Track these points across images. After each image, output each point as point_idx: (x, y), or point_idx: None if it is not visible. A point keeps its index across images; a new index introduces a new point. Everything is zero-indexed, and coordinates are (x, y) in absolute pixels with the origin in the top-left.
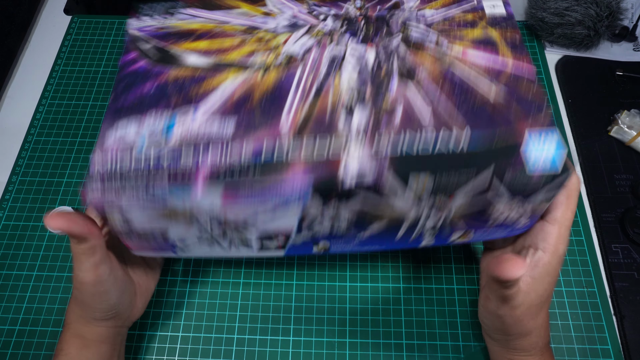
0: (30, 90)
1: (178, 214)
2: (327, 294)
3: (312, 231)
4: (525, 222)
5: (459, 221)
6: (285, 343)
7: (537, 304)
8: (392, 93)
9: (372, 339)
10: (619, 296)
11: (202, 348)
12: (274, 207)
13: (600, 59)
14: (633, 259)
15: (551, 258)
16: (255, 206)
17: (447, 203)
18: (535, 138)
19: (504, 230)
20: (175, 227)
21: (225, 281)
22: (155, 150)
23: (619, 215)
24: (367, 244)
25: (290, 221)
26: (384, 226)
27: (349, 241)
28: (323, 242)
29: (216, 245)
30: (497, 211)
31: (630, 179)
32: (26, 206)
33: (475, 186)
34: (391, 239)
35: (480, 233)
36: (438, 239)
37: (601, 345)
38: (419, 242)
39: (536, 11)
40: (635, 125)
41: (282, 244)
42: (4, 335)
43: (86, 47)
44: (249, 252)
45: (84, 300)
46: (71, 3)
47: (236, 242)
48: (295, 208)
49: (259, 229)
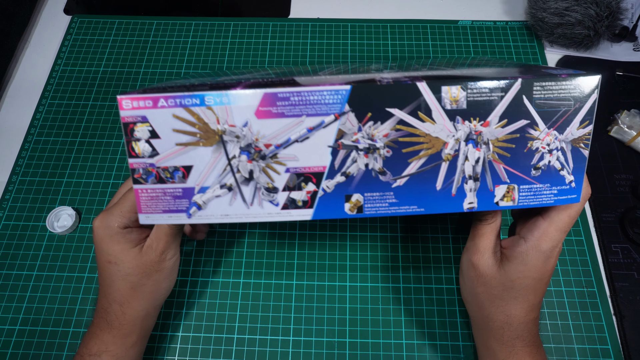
0: (30, 90)
1: (209, 131)
2: (327, 294)
3: (345, 174)
4: (569, 178)
5: (499, 165)
6: (285, 343)
7: (499, 290)
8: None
9: (372, 339)
10: (619, 296)
11: (202, 348)
12: (308, 125)
13: (600, 59)
14: (633, 259)
15: (529, 248)
16: (290, 122)
17: (483, 134)
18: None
19: (551, 188)
20: (199, 159)
21: (225, 281)
22: (199, 79)
23: (619, 215)
24: (404, 200)
25: (323, 152)
26: (422, 164)
27: (385, 192)
28: (356, 195)
29: (238, 196)
30: (536, 144)
31: (630, 179)
32: (26, 206)
33: (506, 106)
34: (431, 191)
35: (525, 192)
36: (481, 197)
37: (601, 345)
38: (461, 199)
39: (536, 11)
40: (635, 125)
41: (310, 196)
42: (4, 335)
43: (86, 47)
44: (273, 209)
45: (159, 281)
46: (71, 3)
47: (262, 191)
48: (331, 124)
49: (290, 161)
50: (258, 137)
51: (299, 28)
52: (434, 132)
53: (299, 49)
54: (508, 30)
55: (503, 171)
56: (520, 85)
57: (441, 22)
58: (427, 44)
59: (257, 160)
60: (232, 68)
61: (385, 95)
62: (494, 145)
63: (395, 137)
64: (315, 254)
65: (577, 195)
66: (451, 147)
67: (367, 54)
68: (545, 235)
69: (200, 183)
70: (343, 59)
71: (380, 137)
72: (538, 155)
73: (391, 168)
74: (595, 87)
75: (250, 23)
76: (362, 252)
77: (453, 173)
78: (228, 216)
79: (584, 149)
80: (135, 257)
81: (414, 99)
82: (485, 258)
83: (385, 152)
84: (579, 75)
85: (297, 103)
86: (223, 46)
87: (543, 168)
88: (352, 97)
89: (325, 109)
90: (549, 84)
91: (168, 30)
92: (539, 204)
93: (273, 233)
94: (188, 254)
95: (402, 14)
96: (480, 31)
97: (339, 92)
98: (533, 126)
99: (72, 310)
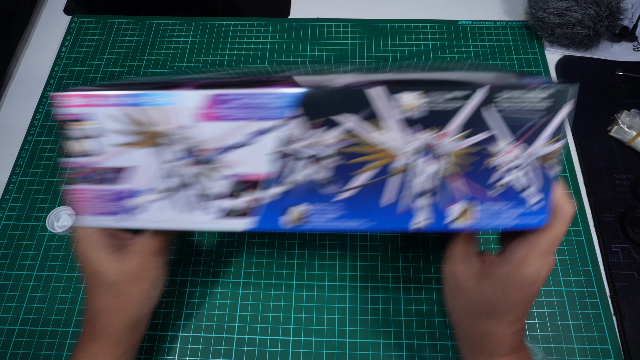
0: (30, 90)
1: (148, 132)
2: (327, 294)
3: (286, 184)
4: (534, 199)
5: (456, 180)
6: (285, 343)
7: (477, 305)
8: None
9: (372, 339)
10: (619, 296)
11: (202, 348)
12: (253, 129)
13: (600, 59)
14: (633, 259)
15: (510, 273)
16: (232, 126)
17: (441, 144)
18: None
19: (511, 210)
20: (137, 161)
21: (225, 281)
22: (150, 78)
23: (619, 215)
24: (349, 214)
25: (264, 160)
26: (370, 177)
27: (328, 204)
28: (297, 207)
29: (174, 201)
30: (497, 160)
31: (630, 179)
32: (26, 206)
33: (468, 116)
34: (378, 205)
35: (485, 210)
36: (435, 214)
37: (601, 345)
38: (409, 215)
39: (536, 11)
40: (635, 125)
41: (248, 205)
42: (4, 335)
43: (86, 47)
44: (207, 217)
45: (146, 289)
46: (71, 3)
47: (198, 197)
48: (274, 130)
49: (228, 168)
50: (198, 140)
51: (299, 28)
52: (385, 143)
53: (299, 49)
54: (508, 30)
55: (458, 189)
56: (483, 94)
57: (441, 22)
58: (427, 44)
59: (195, 164)
60: (232, 67)
61: (335, 101)
62: (450, 160)
63: (342, 146)
64: (315, 254)
65: (543, 219)
66: (402, 159)
67: (367, 54)
68: (527, 260)
69: (137, 186)
70: (343, 59)
71: (326, 145)
72: (499, 172)
73: (336, 179)
74: (568, 98)
75: (250, 23)
76: (363, 252)
77: (403, 188)
78: (162, 222)
79: (552, 168)
80: (120, 265)
81: (365, 106)
82: (460, 269)
83: (330, 161)
84: (550, 84)
85: (240, 106)
86: (223, 46)
87: (504, 187)
88: (299, 101)
89: (270, 113)
90: (515, 94)
91: (168, 30)
92: (497, 225)
93: (273, 234)
94: (188, 253)
95: (402, 14)
96: (480, 31)
97: (286, 95)
98: (495, 140)
99: (72, 310)
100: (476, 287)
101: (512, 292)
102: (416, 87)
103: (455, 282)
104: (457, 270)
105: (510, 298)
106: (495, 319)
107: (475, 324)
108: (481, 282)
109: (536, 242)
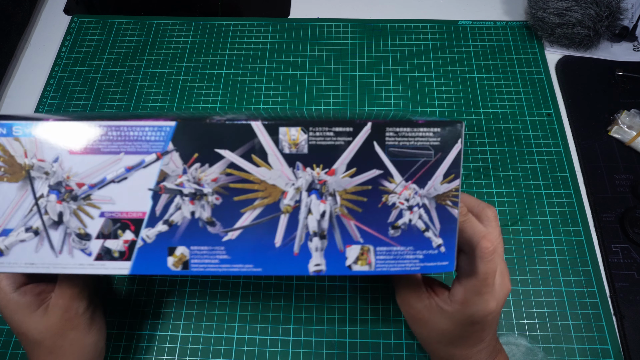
0: (30, 90)
1: (15, 165)
2: (327, 294)
3: (168, 223)
4: (437, 241)
5: (349, 221)
6: (285, 343)
7: (436, 334)
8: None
9: (372, 339)
10: (619, 296)
11: (202, 348)
12: (127, 164)
13: (600, 59)
14: (633, 259)
15: (455, 312)
16: (107, 159)
17: (329, 184)
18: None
19: (416, 252)
20: (2, 197)
21: (225, 281)
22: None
23: (619, 215)
24: (238, 257)
25: (143, 196)
26: (258, 215)
27: (214, 246)
28: (181, 248)
29: (46, 242)
30: (394, 198)
31: (630, 179)
32: None
33: (354, 153)
34: (270, 247)
35: (383, 255)
36: (331, 259)
37: (601, 345)
38: (306, 259)
39: (536, 11)
40: (635, 125)
41: (128, 246)
42: (4, 335)
43: (86, 47)
44: (85, 259)
45: (78, 338)
46: (71, 3)
47: (72, 237)
48: (152, 164)
49: (103, 208)
50: (70, 174)
51: (299, 28)
52: (271, 179)
53: (299, 49)
54: (508, 30)
55: (355, 229)
56: (369, 130)
57: (441, 22)
58: (427, 44)
59: (67, 201)
60: (232, 68)
61: (215, 135)
62: (342, 198)
63: (226, 182)
64: None
65: (450, 262)
66: (291, 197)
67: (367, 54)
68: (467, 302)
69: (3, 224)
70: (343, 59)
71: (208, 181)
72: (396, 211)
73: (222, 218)
74: (457, 135)
75: (250, 23)
76: None
77: (295, 228)
78: (34, 265)
79: (452, 207)
80: (41, 321)
81: (247, 140)
82: (411, 303)
83: (214, 199)
84: (439, 122)
85: (115, 139)
86: (223, 46)
87: (403, 227)
88: (177, 134)
89: (147, 146)
90: (403, 130)
91: (168, 30)
92: (401, 270)
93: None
94: None
95: (402, 14)
96: (480, 31)
97: (162, 128)
98: (387, 177)
99: None
100: (431, 320)
101: (465, 327)
102: (295, 124)
103: (410, 315)
104: (409, 304)
105: (466, 330)
106: (456, 345)
107: (440, 350)
108: (435, 316)
109: (468, 284)
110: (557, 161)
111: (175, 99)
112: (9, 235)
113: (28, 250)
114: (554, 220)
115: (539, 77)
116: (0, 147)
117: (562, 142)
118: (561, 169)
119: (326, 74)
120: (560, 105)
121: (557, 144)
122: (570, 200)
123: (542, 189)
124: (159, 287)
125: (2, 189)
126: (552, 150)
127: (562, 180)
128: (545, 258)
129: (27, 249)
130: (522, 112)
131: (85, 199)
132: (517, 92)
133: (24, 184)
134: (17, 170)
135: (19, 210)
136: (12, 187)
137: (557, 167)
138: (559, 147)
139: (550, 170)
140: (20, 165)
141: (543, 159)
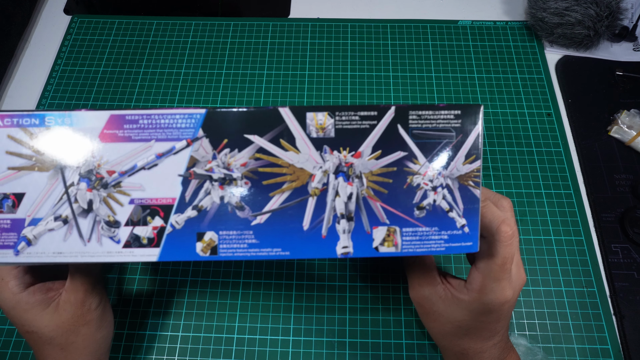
0: (31, 90)
1: (46, 161)
2: (327, 294)
3: (197, 208)
4: (460, 221)
5: (376, 202)
6: (285, 343)
7: (450, 327)
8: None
9: (372, 339)
10: (619, 296)
11: (202, 348)
12: (157, 151)
13: (600, 59)
14: (633, 259)
15: (472, 301)
16: (137, 147)
17: (355, 166)
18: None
19: (441, 232)
20: (33, 186)
21: (225, 281)
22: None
23: (619, 215)
24: (266, 241)
25: (173, 182)
26: (286, 198)
27: (243, 230)
28: (209, 234)
29: (74, 230)
30: (418, 179)
31: (630, 179)
32: None
33: (379, 136)
34: (298, 231)
35: (409, 235)
36: (358, 240)
37: (601, 345)
38: (334, 242)
39: (536, 11)
40: (635, 125)
41: (157, 233)
42: (4, 335)
43: (86, 47)
44: (113, 247)
45: (90, 334)
46: (71, 3)
47: (101, 225)
48: (183, 151)
49: (133, 195)
50: (101, 162)
51: (299, 28)
52: (299, 163)
53: (299, 49)
54: (508, 30)
55: (381, 210)
56: (394, 113)
57: (441, 22)
58: (427, 44)
59: (98, 188)
60: (232, 68)
61: (244, 121)
62: (368, 180)
63: (255, 166)
64: None
65: (474, 243)
66: (318, 180)
67: (367, 54)
68: (484, 289)
69: (32, 214)
70: (343, 59)
71: (237, 166)
72: (420, 192)
73: (250, 202)
74: (477, 118)
75: (250, 23)
76: None
77: (322, 210)
78: (61, 254)
79: (474, 188)
80: (53, 318)
81: (275, 126)
82: (426, 295)
83: (243, 183)
84: (459, 105)
85: (146, 126)
86: (223, 46)
87: (428, 208)
88: (207, 121)
89: (177, 133)
90: (426, 113)
91: (168, 30)
92: (427, 250)
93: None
94: None
95: (402, 14)
96: (480, 31)
97: (193, 116)
98: (412, 159)
99: None
100: (445, 312)
101: (481, 316)
102: (322, 109)
103: (424, 308)
104: (423, 296)
105: (481, 320)
106: (471, 338)
107: (454, 343)
108: (449, 307)
109: (487, 270)
110: (557, 161)
111: (175, 99)
112: (38, 225)
113: (56, 239)
114: (554, 220)
115: (538, 77)
116: (33, 137)
117: (562, 142)
118: (561, 169)
119: (326, 74)
120: (560, 105)
121: (557, 144)
122: (570, 200)
123: (542, 189)
124: (159, 287)
125: (33, 178)
126: (552, 150)
127: (562, 180)
128: (545, 258)
129: (55, 238)
130: (522, 112)
131: (115, 187)
132: (517, 92)
133: (55, 173)
134: (48, 160)
135: (48, 199)
136: (43, 176)
137: (557, 167)
138: (559, 147)
139: (550, 170)
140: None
141: (543, 159)
